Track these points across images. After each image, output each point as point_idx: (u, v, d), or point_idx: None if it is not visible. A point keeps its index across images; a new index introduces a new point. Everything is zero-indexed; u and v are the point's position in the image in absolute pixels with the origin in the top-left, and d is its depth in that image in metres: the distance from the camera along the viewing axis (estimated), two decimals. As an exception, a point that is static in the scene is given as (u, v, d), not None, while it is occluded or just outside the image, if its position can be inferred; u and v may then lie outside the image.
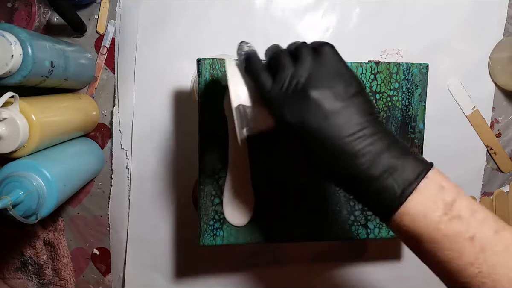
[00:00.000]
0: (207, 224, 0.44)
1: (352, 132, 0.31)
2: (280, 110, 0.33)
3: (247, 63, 0.36)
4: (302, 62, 0.33)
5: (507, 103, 0.59)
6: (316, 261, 0.60)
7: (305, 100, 0.32)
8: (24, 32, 0.39)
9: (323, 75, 0.32)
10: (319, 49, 0.34)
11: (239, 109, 0.35)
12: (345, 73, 0.33)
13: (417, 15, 0.57)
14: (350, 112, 0.32)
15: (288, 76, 0.33)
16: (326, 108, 0.32)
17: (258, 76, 0.35)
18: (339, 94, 0.32)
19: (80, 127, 0.52)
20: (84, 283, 0.59)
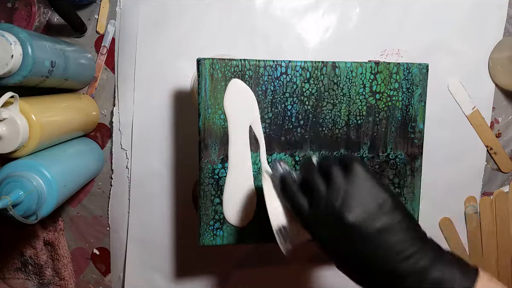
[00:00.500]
0: (207, 224, 0.44)
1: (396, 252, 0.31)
2: (319, 234, 0.34)
3: (282, 186, 0.37)
4: (334, 185, 0.34)
5: (507, 103, 0.59)
6: (315, 261, 0.60)
7: (342, 225, 0.32)
8: (24, 32, 0.39)
9: (356, 197, 0.33)
10: (349, 168, 0.34)
11: (280, 231, 0.38)
12: (378, 190, 0.33)
13: (417, 15, 0.57)
14: (391, 232, 0.32)
15: (323, 201, 0.34)
16: (363, 232, 0.32)
17: (293, 200, 0.36)
18: (375, 214, 0.32)
19: (80, 127, 0.52)
20: (84, 283, 0.59)
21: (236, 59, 0.43)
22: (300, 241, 0.39)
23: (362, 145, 0.47)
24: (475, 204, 0.60)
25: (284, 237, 0.38)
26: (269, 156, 0.45)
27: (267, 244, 0.58)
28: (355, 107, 0.46)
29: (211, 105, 0.43)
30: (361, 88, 0.46)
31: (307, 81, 0.45)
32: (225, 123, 0.44)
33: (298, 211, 0.36)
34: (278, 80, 0.44)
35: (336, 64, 0.45)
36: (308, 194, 0.36)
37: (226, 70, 0.43)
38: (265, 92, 0.44)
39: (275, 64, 0.44)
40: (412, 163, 0.48)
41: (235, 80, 0.43)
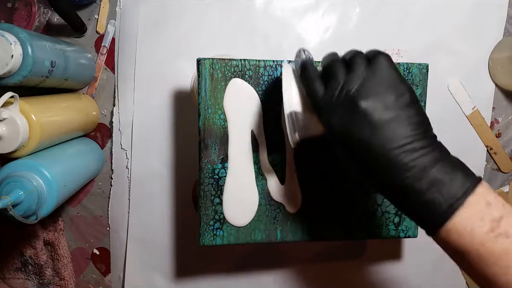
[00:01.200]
0: (207, 224, 0.44)
1: (400, 145, 0.31)
2: (329, 118, 0.34)
3: (303, 70, 0.36)
4: (354, 72, 0.33)
5: (507, 103, 0.59)
6: (316, 261, 0.60)
7: (354, 110, 0.32)
8: (24, 32, 0.39)
9: (374, 86, 0.32)
10: (373, 59, 0.33)
11: (291, 116, 0.37)
12: (397, 84, 0.33)
13: (417, 15, 0.57)
14: (400, 124, 0.31)
15: (339, 85, 0.33)
16: (374, 119, 0.32)
17: (311, 83, 0.35)
18: (389, 105, 0.32)
19: (80, 127, 0.52)
20: (84, 283, 0.59)
21: (236, 59, 0.43)
22: (309, 134, 0.38)
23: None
24: (475, 204, 0.60)
25: (294, 124, 0.37)
26: (269, 156, 0.45)
27: (267, 244, 0.58)
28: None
29: (211, 105, 0.43)
30: None
31: (307, 81, 0.45)
32: (225, 123, 0.44)
33: (313, 94, 0.35)
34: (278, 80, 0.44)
35: None
36: (326, 80, 0.35)
37: (226, 70, 0.43)
38: (265, 92, 0.44)
39: (275, 64, 0.44)
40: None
41: (235, 80, 0.43)
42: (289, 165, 0.45)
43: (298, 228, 0.46)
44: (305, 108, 0.37)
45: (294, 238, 0.46)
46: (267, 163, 0.45)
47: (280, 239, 0.46)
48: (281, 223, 0.46)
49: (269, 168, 0.45)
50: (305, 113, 0.37)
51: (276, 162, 0.45)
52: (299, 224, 0.46)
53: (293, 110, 0.37)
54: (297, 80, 0.38)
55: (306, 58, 0.37)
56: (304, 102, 0.37)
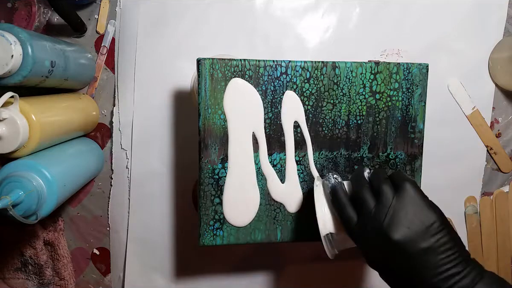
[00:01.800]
0: (207, 224, 0.44)
1: (437, 273, 0.32)
2: (365, 248, 0.36)
3: (333, 197, 0.39)
4: (383, 203, 0.35)
5: (507, 103, 0.59)
6: (316, 261, 0.60)
7: (388, 243, 0.34)
8: (24, 32, 0.39)
9: (404, 216, 0.34)
10: (400, 186, 0.35)
11: (328, 237, 0.40)
12: (426, 212, 0.34)
13: (417, 15, 0.57)
14: (434, 253, 0.33)
15: (371, 217, 0.35)
16: (409, 252, 0.33)
17: (343, 211, 0.38)
18: (421, 235, 0.33)
19: (80, 127, 0.52)
20: (84, 283, 0.59)
21: (236, 59, 0.43)
22: (345, 247, 0.41)
23: (362, 145, 0.47)
24: (475, 204, 0.60)
25: (331, 243, 0.40)
26: (269, 156, 0.45)
27: (267, 244, 0.58)
28: (355, 107, 0.46)
29: (211, 105, 0.43)
30: (361, 88, 0.46)
31: (307, 81, 0.45)
32: (225, 123, 0.44)
33: (347, 223, 0.38)
34: (278, 80, 0.44)
35: (336, 64, 0.45)
36: (357, 207, 0.37)
37: (226, 70, 0.43)
38: (265, 92, 0.44)
39: (275, 64, 0.44)
40: (412, 163, 0.48)
41: (236, 80, 0.43)
42: (289, 165, 0.45)
43: (298, 228, 0.46)
44: (339, 227, 0.40)
45: (294, 238, 0.46)
46: (267, 162, 0.45)
47: (280, 239, 0.46)
48: (281, 223, 0.46)
49: (269, 167, 0.45)
50: (339, 231, 0.40)
51: (276, 162, 0.45)
52: (299, 224, 0.46)
53: (329, 231, 0.40)
54: (328, 202, 0.41)
55: (335, 183, 0.40)
56: (337, 222, 0.40)
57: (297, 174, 0.46)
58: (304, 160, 0.46)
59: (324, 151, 0.46)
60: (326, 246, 0.40)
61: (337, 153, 0.46)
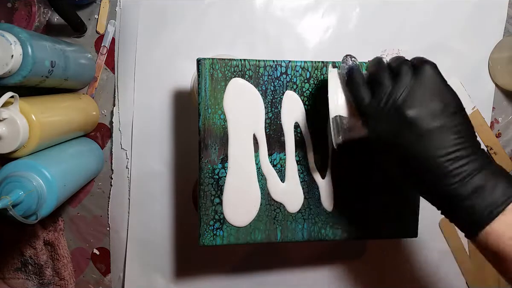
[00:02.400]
0: (207, 224, 0.44)
1: (445, 153, 0.32)
2: (375, 125, 0.35)
3: (349, 76, 0.37)
4: (401, 80, 0.34)
5: (507, 103, 0.59)
6: (316, 261, 0.60)
7: (401, 119, 0.33)
8: (24, 32, 0.39)
9: (420, 94, 0.33)
10: (420, 67, 0.34)
11: (336, 120, 0.38)
12: (444, 93, 0.34)
13: (417, 15, 0.57)
14: (446, 133, 0.32)
15: (386, 94, 0.34)
16: (421, 128, 0.33)
17: (357, 90, 0.36)
18: (435, 114, 0.33)
19: (80, 127, 0.52)
20: (84, 283, 0.59)
21: (236, 59, 0.43)
22: (352, 136, 0.39)
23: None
24: (475, 204, 0.60)
25: (338, 127, 0.38)
26: (269, 156, 0.45)
27: (267, 244, 0.58)
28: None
29: (211, 105, 0.43)
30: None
31: (307, 81, 0.45)
32: (225, 123, 0.44)
33: (359, 101, 0.36)
34: (278, 80, 0.44)
35: (336, 64, 0.45)
36: (373, 88, 0.36)
37: (226, 70, 0.43)
38: (265, 92, 0.44)
39: (275, 64, 0.44)
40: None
41: (236, 80, 0.43)
42: (289, 165, 0.45)
43: (298, 228, 0.46)
44: (350, 112, 0.38)
45: (294, 238, 0.46)
46: (267, 162, 0.45)
47: (280, 239, 0.46)
48: (281, 223, 0.46)
49: (269, 167, 0.45)
50: (350, 117, 0.38)
51: (276, 162, 0.45)
52: (299, 224, 0.46)
53: (338, 114, 0.38)
54: (343, 86, 0.39)
55: (353, 65, 0.38)
56: (349, 107, 0.38)
57: (297, 174, 0.46)
58: (304, 160, 0.46)
59: (324, 151, 0.46)
60: (333, 130, 0.38)
61: (337, 153, 0.46)
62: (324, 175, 0.46)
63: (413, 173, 0.34)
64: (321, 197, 0.46)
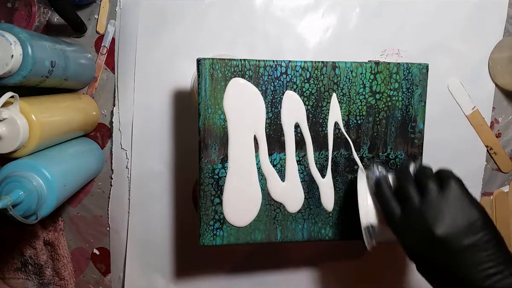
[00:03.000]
0: (207, 224, 0.44)
1: (479, 270, 0.33)
2: (407, 242, 0.37)
3: (377, 189, 0.40)
4: (428, 198, 0.36)
5: (507, 103, 0.59)
6: (316, 261, 0.60)
7: (431, 238, 0.35)
8: (24, 32, 0.39)
9: (448, 213, 0.35)
10: (445, 183, 0.36)
11: (368, 229, 0.41)
12: (470, 210, 0.35)
13: (417, 15, 0.57)
14: (477, 250, 0.33)
15: (415, 211, 0.36)
16: (452, 248, 0.34)
17: (387, 204, 0.39)
18: (464, 232, 0.34)
19: (80, 127, 0.52)
20: (84, 283, 0.59)
21: (236, 59, 0.43)
22: (385, 240, 0.41)
23: (362, 145, 0.47)
24: (475, 204, 0.60)
25: (370, 234, 0.41)
26: (269, 156, 0.45)
27: (267, 244, 0.58)
28: (355, 107, 0.46)
29: (211, 105, 0.43)
30: (361, 88, 0.46)
31: (307, 81, 0.45)
32: (225, 123, 0.44)
33: (390, 216, 0.38)
34: (278, 80, 0.44)
35: (336, 64, 0.45)
36: (401, 201, 0.38)
37: (226, 70, 0.43)
38: (265, 92, 0.44)
39: (275, 64, 0.44)
40: (412, 163, 0.48)
41: (237, 79, 0.43)
42: (289, 165, 0.45)
43: (298, 228, 0.46)
44: (380, 219, 0.40)
45: (294, 238, 0.46)
46: (267, 162, 0.45)
47: (280, 239, 0.46)
48: (281, 223, 0.46)
49: (269, 167, 0.45)
50: (380, 223, 0.41)
51: (276, 162, 0.45)
52: (299, 224, 0.46)
53: (370, 223, 0.41)
54: (371, 192, 0.41)
55: (380, 175, 0.41)
56: (378, 214, 0.41)
57: (298, 173, 0.46)
58: (304, 160, 0.46)
59: (324, 151, 0.46)
60: (366, 238, 0.41)
61: (337, 153, 0.46)
62: (324, 175, 0.46)
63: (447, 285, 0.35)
64: (321, 197, 0.46)
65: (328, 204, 0.47)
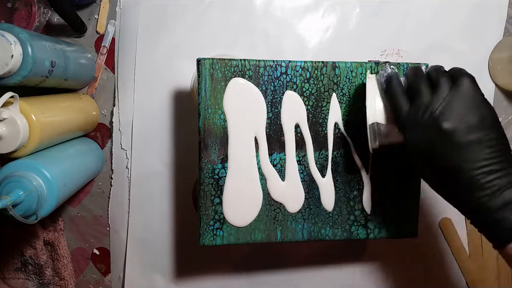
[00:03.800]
0: (207, 224, 0.44)
1: (479, 166, 0.33)
2: (412, 134, 0.36)
3: (388, 84, 0.39)
4: (439, 92, 0.35)
5: (507, 103, 0.59)
6: (316, 261, 0.60)
7: (438, 130, 0.34)
8: (24, 32, 0.39)
9: (458, 107, 0.34)
10: (458, 80, 0.35)
11: (373, 126, 0.40)
12: (481, 106, 0.34)
13: (417, 15, 0.57)
14: (481, 147, 0.33)
15: (424, 105, 0.35)
16: (457, 141, 0.34)
17: (396, 98, 0.38)
18: (472, 127, 0.34)
19: (80, 127, 0.52)
20: (84, 283, 0.59)
21: (236, 59, 0.43)
22: (389, 141, 0.40)
23: (362, 145, 0.47)
24: (475, 204, 0.60)
25: (375, 133, 0.40)
26: (269, 156, 0.45)
27: (267, 244, 0.58)
28: (355, 107, 0.46)
29: (211, 105, 0.43)
30: (361, 88, 0.46)
31: (307, 81, 0.45)
32: (225, 123, 0.44)
33: (398, 110, 0.37)
34: (278, 80, 0.44)
35: (336, 64, 0.45)
36: (411, 98, 0.37)
37: (226, 70, 0.43)
38: (265, 92, 0.44)
39: (275, 64, 0.44)
40: (412, 162, 0.48)
41: (237, 79, 0.43)
42: (289, 165, 0.45)
43: (298, 228, 0.46)
44: (387, 119, 0.40)
45: (294, 238, 0.46)
46: (267, 162, 0.45)
47: (280, 239, 0.46)
48: (281, 223, 0.46)
49: (269, 167, 0.45)
50: (387, 124, 0.40)
51: (276, 162, 0.45)
52: (299, 224, 0.46)
53: (376, 121, 0.40)
54: (381, 92, 0.40)
55: (392, 73, 0.40)
56: (386, 113, 0.40)
57: (298, 173, 0.46)
58: (304, 160, 0.46)
59: (324, 151, 0.46)
60: (370, 136, 0.40)
61: (337, 153, 0.46)
62: (324, 174, 0.46)
63: (446, 183, 0.35)
64: (321, 197, 0.46)
65: (328, 204, 0.47)
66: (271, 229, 0.46)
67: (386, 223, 0.48)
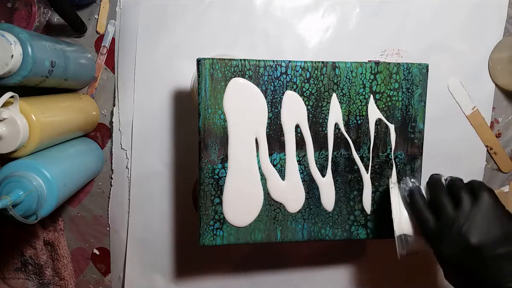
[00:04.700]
0: (207, 224, 0.44)
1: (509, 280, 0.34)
2: (441, 250, 0.38)
3: (411, 199, 0.42)
4: (463, 209, 0.37)
5: (507, 103, 0.59)
6: (316, 261, 0.60)
7: (465, 246, 0.36)
8: (24, 32, 0.39)
9: (482, 223, 0.36)
10: (478, 195, 0.37)
11: (401, 238, 0.42)
12: (503, 220, 0.36)
13: (417, 15, 0.57)
14: (509, 260, 0.35)
15: (449, 221, 0.37)
16: (486, 256, 0.35)
17: (420, 213, 0.40)
18: (498, 241, 0.35)
19: (80, 127, 0.52)
20: (84, 283, 0.59)
21: (236, 59, 0.43)
22: (415, 250, 0.43)
23: (362, 145, 0.47)
24: (475, 204, 0.60)
25: (403, 243, 0.42)
26: (270, 156, 0.45)
27: (267, 244, 0.58)
28: (355, 107, 0.46)
29: (211, 105, 0.43)
30: (361, 88, 0.46)
31: (307, 81, 0.45)
32: (225, 123, 0.44)
33: (424, 225, 0.40)
34: (278, 80, 0.44)
35: (336, 64, 0.45)
36: (435, 211, 0.39)
37: (226, 70, 0.43)
38: (265, 92, 0.44)
39: (275, 64, 0.44)
40: (412, 163, 0.48)
41: (237, 79, 0.43)
42: (289, 165, 0.45)
43: (298, 228, 0.46)
44: (414, 230, 0.42)
45: (294, 238, 0.46)
46: (268, 162, 0.45)
47: (280, 239, 0.46)
48: (281, 223, 0.46)
49: (269, 167, 0.45)
50: (414, 235, 0.42)
51: (276, 162, 0.45)
52: (299, 224, 0.46)
53: (403, 233, 0.42)
54: (405, 204, 0.43)
55: (413, 186, 0.43)
56: (413, 224, 0.42)
57: (298, 173, 0.46)
58: (304, 160, 0.46)
59: (324, 151, 0.46)
60: (398, 247, 0.42)
61: (337, 153, 0.46)
62: (324, 174, 0.46)
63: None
64: (321, 197, 0.46)
65: (328, 204, 0.47)
66: (271, 229, 0.46)
67: (386, 223, 0.48)
